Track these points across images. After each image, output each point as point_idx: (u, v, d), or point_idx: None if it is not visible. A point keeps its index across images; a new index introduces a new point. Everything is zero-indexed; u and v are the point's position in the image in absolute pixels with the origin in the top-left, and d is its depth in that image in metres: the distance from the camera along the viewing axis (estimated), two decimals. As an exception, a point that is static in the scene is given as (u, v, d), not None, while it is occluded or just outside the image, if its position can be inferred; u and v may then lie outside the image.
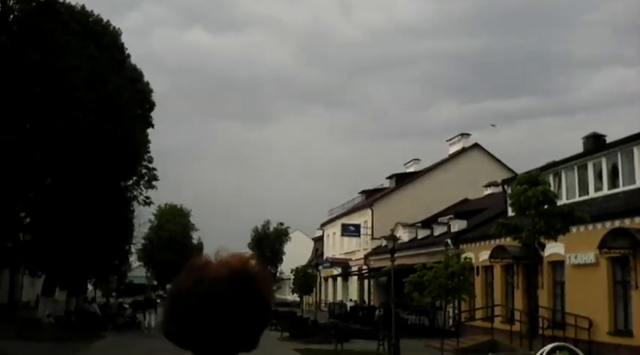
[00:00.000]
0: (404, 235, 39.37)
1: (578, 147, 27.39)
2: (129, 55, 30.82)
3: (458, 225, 31.63)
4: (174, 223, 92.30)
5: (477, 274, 28.51)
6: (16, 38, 17.89)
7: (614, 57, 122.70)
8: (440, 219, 36.69)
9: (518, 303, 25.93)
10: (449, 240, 31.03)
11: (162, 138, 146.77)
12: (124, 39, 31.06)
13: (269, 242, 60.54)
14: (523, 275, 25.36)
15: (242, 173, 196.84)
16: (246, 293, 1.56)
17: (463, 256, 19.10)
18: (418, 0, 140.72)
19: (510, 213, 29.41)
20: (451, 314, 31.20)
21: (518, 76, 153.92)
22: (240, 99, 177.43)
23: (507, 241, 25.63)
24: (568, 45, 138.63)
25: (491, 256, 25.99)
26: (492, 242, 26.98)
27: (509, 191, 29.71)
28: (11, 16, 18.57)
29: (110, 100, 27.04)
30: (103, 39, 28.85)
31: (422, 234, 36.99)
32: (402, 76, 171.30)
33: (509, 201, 29.15)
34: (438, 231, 34.59)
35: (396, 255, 39.60)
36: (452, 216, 35.36)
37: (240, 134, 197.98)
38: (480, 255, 28.41)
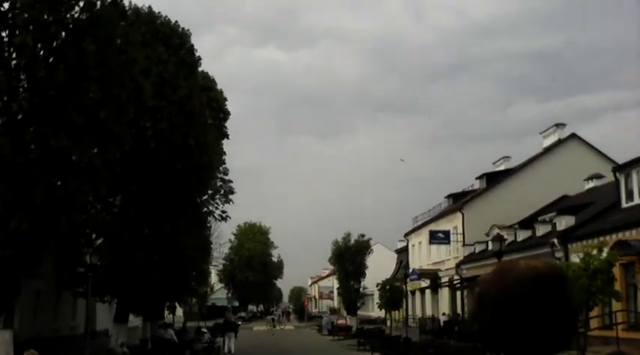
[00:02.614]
0: (500, 239, 35.65)
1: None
2: (200, 58, 28.71)
3: (565, 223, 27.83)
4: (254, 241, 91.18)
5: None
6: (72, 31, 15.73)
7: None
8: (541, 218, 32.87)
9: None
10: (555, 240, 27.30)
11: (239, 157, 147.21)
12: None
13: (350, 255, 57.49)
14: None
15: (319, 187, 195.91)
16: (551, 295, 1.57)
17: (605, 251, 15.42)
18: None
19: (625, 204, 25.69)
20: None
21: (599, 69, 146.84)
22: (314, 113, 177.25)
23: (629, 235, 21.91)
24: None
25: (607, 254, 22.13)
26: (609, 237, 23.26)
27: (622, 179, 25.97)
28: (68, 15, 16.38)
29: (180, 107, 25.01)
30: (171, 41, 26.85)
31: (522, 235, 33.27)
32: (478, 77, 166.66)
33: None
34: (541, 230, 30.84)
35: (491, 261, 36.37)
36: (555, 213, 31.55)
37: (315, 148, 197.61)
38: (578, 255, 24.59)
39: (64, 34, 15.46)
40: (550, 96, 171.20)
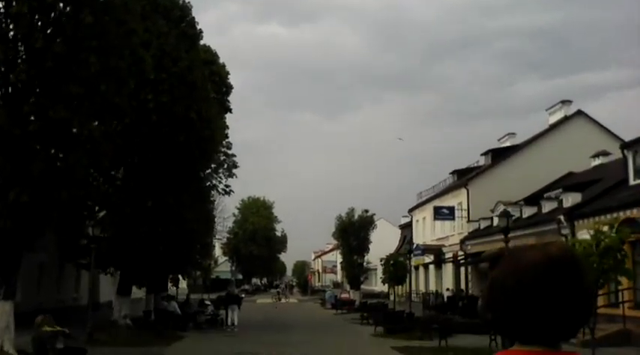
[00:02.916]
0: (505, 215, 35.44)
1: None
2: (201, 31, 28.28)
3: (571, 199, 27.57)
4: (258, 216, 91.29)
5: (599, 254, 24.48)
6: (69, 1, 15.38)
7: None
8: (547, 195, 32.60)
9: (651, 285, 21.91)
10: (562, 217, 27.05)
11: (243, 132, 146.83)
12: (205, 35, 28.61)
13: (354, 230, 57.37)
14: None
15: (322, 163, 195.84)
16: (563, 280, 1.53)
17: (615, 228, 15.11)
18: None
19: (632, 181, 25.41)
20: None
21: (602, 47, 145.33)
22: (317, 89, 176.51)
23: (637, 213, 21.69)
24: None
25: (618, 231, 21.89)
26: (616, 215, 23.02)
27: (630, 157, 25.66)
28: None
29: (182, 79, 24.72)
30: (172, 13, 26.45)
31: (527, 212, 33.00)
32: (481, 54, 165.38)
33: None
34: (547, 207, 30.58)
35: (496, 237, 36.20)
36: (561, 190, 31.27)
37: (319, 124, 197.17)
38: (589, 232, 24.35)
39: (61, 4, 15.16)
40: (552, 74, 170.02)
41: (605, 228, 14.68)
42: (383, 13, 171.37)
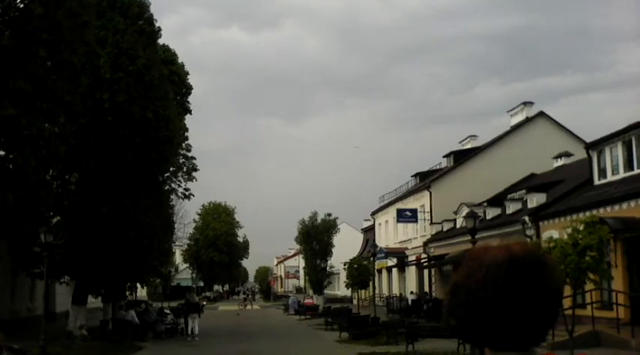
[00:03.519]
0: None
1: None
2: (159, 29, 27.31)
3: (536, 200, 27.45)
4: (219, 221, 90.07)
5: (564, 254, 24.37)
6: None
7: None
8: (510, 196, 32.51)
9: (617, 285, 21.75)
10: (526, 218, 26.91)
11: (204, 138, 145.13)
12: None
13: (317, 234, 56.88)
14: (623, 251, 21.25)
15: (284, 169, 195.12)
16: (529, 280, 1.45)
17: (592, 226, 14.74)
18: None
19: (597, 181, 25.38)
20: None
21: (561, 52, 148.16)
22: (279, 95, 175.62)
23: (604, 212, 21.57)
24: (610, 19, 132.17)
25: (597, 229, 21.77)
26: (582, 215, 22.90)
27: (594, 157, 25.65)
28: None
29: (139, 78, 23.81)
30: (129, 10, 25.47)
31: (491, 213, 32.86)
32: (442, 59, 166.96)
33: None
34: (512, 208, 30.45)
35: (459, 239, 36.04)
36: (524, 191, 31.20)
37: (280, 129, 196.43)
38: (566, 231, 24.21)
39: None
40: (512, 79, 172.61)
41: (581, 227, 14.30)
42: (343, 18, 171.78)
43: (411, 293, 41.86)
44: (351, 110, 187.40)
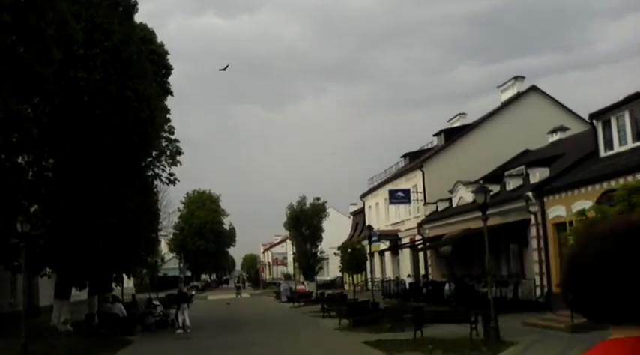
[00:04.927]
0: (466, 195, 34.16)
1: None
2: (136, 3, 25.56)
3: (539, 175, 26.28)
4: (204, 210, 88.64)
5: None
6: None
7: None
8: (508, 172, 31.32)
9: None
10: (529, 193, 25.75)
11: (184, 126, 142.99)
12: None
13: (306, 219, 55.76)
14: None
15: (267, 155, 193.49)
16: None
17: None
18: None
19: (603, 152, 24.26)
20: (538, 283, 26.13)
21: (538, 32, 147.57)
22: (257, 81, 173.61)
23: (618, 184, 20.40)
24: None
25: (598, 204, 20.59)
26: (591, 188, 21.79)
27: (599, 127, 24.47)
28: None
29: (116, 54, 22.24)
30: None
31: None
32: (419, 42, 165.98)
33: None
34: (512, 184, 29.28)
35: (457, 219, 34.95)
36: (523, 166, 30.04)
37: (261, 116, 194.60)
38: (573, 206, 23.08)
39: None
40: (491, 59, 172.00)
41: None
42: (318, 3, 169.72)
43: (408, 276, 40.74)
44: (330, 95, 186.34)
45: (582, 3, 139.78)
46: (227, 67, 49.28)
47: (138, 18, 27.01)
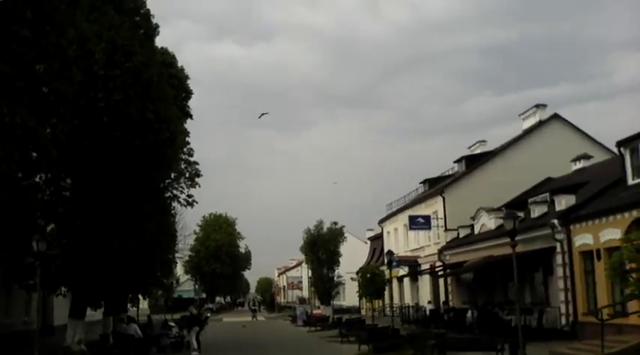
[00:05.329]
0: (488, 222, 33.59)
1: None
2: (157, 26, 25.54)
3: (565, 202, 25.65)
4: (220, 232, 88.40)
5: (599, 259, 22.59)
6: None
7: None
8: (532, 200, 30.70)
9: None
10: (555, 221, 25.12)
11: (200, 151, 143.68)
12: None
13: (323, 243, 55.32)
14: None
15: (282, 181, 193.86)
16: None
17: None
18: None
19: (631, 180, 23.65)
20: (563, 311, 25.41)
21: (554, 63, 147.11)
22: (274, 108, 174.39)
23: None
24: (602, 28, 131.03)
25: (628, 233, 19.91)
26: (621, 216, 21.15)
27: (627, 154, 23.86)
28: None
29: (136, 76, 22.10)
30: (124, 4, 23.72)
31: (513, 218, 30.93)
32: (436, 72, 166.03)
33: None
34: (537, 212, 28.64)
35: (479, 245, 34.29)
36: (547, 194, 29.43)
37: (277, 142, 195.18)
38: (601, 234, 22.49)
39: None
40: (505, 90, 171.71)
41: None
42: (336, 33, 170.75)
43: (429, 302, 39.98)
44: (346, 123, 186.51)
45: (595, 34, 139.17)
46: (264, 114, 51.77)
47: (159, 43, 27.04)
